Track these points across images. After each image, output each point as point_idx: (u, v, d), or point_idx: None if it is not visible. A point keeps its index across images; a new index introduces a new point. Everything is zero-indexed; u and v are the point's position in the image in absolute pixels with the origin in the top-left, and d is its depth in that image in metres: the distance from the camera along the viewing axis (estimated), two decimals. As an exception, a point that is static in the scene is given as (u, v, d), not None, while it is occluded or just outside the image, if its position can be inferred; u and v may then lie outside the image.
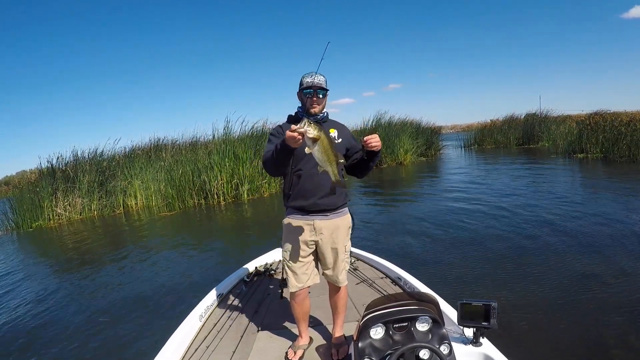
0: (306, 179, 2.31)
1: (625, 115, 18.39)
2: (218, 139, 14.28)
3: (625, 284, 4.20)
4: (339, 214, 2.41)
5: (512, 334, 3.31)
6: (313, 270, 2.47)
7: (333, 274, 2.46)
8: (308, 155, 2.16)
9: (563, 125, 21.34)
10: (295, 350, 2.50)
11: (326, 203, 2.33)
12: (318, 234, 2.36)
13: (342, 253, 2.44)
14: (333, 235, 2.38)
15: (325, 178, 2.24)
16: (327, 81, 2.38)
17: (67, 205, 13.00)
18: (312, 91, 2.30)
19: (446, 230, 6.86)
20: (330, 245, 2.39)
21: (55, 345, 4.17)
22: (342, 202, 2.42)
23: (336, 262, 2.43)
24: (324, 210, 2.35)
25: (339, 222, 2.41)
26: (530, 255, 5.26)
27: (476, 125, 30.19)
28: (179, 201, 12.75)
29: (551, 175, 12.17)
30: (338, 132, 2.41)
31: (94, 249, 8.64)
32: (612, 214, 6.85)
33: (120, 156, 15.64)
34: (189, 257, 7.05)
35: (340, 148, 2.34)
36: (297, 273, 2.41)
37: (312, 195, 2.31)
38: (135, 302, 5.14)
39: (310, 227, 2.35)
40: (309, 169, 2.29)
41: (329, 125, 2.41)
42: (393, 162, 19.33)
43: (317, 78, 2.32)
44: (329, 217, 2.37)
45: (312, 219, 2.35)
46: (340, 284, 2.48)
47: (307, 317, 2.60)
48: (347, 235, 2.48)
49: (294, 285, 2.42)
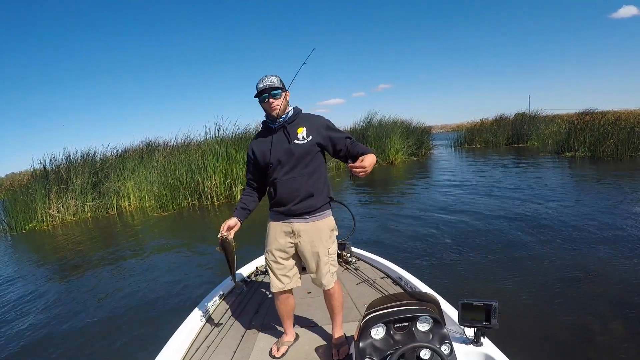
0: (281, 186, 2.30)
1: (612, 115, 18.63)
2: (211, 140, 14.36)
3: (626, 281, 4.25)
4: (319, 217, 2.36)
5: (513, 334, 3.30)
6: (295, 274, 2.47)
7: (316, 277, 2.42)
8: (280, 164, 2.28)
9: (552, 124, 21.63)
10: (279, 347, 2.52)
11: (303, 207, 2.31)
12: (297, 237, 2.35)
13: (325, 256, 2.36)
14: (313, 237, 2.34)
15: (300, 183, 2.27)
16: (282, 79, 2.33)
17: (60, 207, 12.88)
18: (266, 95, 2.25)
19: (444, 229, 6.94)
20: (310, 248, 2.35)
21: (51, 349, 4.12)
22: (321, 203, 2.36)
23: (318, 265, 2.36)
24: (302, 213, 2.33)
25: (320, 224, 2.36)
26: (530, 253, 5.30)
27: (466, 125, 30.37)
28: (173, 202, 12.74)
29: (540, 174, 12.36)
30: (307, 129, 2.30)
31: (89, 250, 8.59)
32: (602, 211, 7.01)
33: (113, 157, 15.54)
34: (186, 258, 7.06)
35: (308, 146, 2.28)
36: (277, 275, 2.42)
37: (288, 202, 2.30)
38: (134, 303, 5.14)
39: (288, 230, 2.35)
40: (281, 176, 2.29)
41: (299, 123, 2.34)
42: (384, 162, 19.42)
43: (268, 80, 2.27)
44: (307, 220, 2.34)
45: (291, 222, 2.34)
46: (324, 287, 2.42)
47: (291, 315, 2.62)
48: (329, 238, 2.40)
49: (276, 286, 2.43)
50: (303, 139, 2.28)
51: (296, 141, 2.27)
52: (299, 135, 2.29)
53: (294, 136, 2.29)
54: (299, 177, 2.29)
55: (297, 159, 2.27)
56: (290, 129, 2.32)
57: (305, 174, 2.30)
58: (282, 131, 2.32)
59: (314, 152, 2.30)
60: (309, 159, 2.29)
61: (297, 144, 2.27)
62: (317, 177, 2.34)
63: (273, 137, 2.32)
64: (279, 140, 2.31)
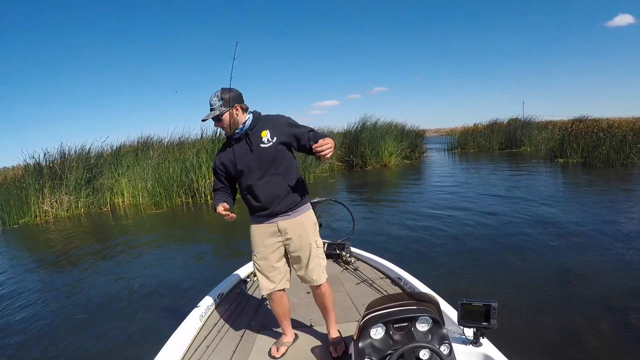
0: (259, 190, 2.30)
1: (605, 122, 18.78)
2: (206, 139, 14.43)
3: (625, 280, 4.31)
4: (301, 211, 2.38)
5: (513, 334, 3.31)
6: (285, 274, 2.48)
7: (306, 273, 2.40)
8: (250, 170, 2.28)
9: (545, 130, 21.76)
10: (278, 347, 2.52)
11: (285, 205, 2.33)
12: (283, 235, 2.36)
13: (315, 249, 2.39)
14: (300, 232, 2.36)
15: (277, 184, 2.28)
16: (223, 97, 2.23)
17: (53, 202, 12.79)
18: (211, 119, 2.28)
19: (442, 230, 6.99)
20: (299, 243, 2.36)
21: (48, 349, 4.05)
22: (300, 197, 2.38)
23: (309, 260, 2.38)
24: (286, 211, 2.34)
25: (303, 219, 2.38)
26: (528, 255, 5.33)
27: (460, 129, 30.36)
28: (167, 199, 12.73)
29: (533, 179, 12.47)
30: (271, 131, 2.29)
31: (82, 246, 8.54)
32: (595, 215, 7.10)
33: (108, 154, 15.47)
34: (181, 256, 7.03)
35: (274, 147, 2.27)
36: (268, 276, 2.42)
37: (269, 205, 2.31)
38: (129, 302, 5.11)
39: (274, 230, 2.36)
40: (256, 181, 2.29)
41: (260, 127, 2.31)
42: (378, 165, 19.49)
43: (212, 102, 2.25)
44: (290, 216, 2.35)
45: (275, 221, 2.35)
46: (315, 283, 2.41)
47: (287, 315, 2.61)
48: (315, 231, 2.43)
49: (267, 288, 2.44)
50: (268, 142, 2.27)
51: (262, 145, 2.27)
52: (264, 138, 2.28)
53: (258, 141, 2.28)
54: (274, 179, 2.29)
55: (268, 161, 2.27)
56: (253, 135, 2.30)
57: (280, 172, 2.31)
58: (244, 140, 2.32)
59: (281, 151, 2.30)
60: (280, 159, 2.29)
61: (263, 148, 2.27)
62: (291, 174, 2.35)
63: (236, 147, 2.33)
64: (242, 148, 2.32)
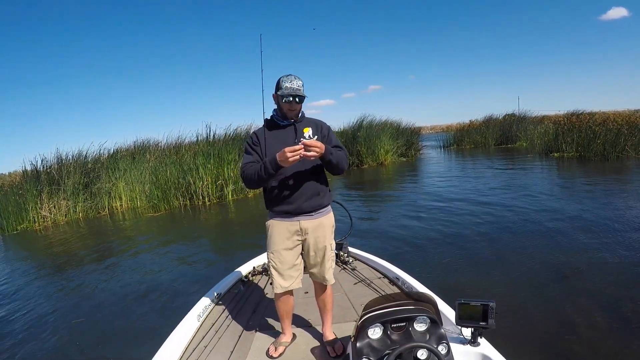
0: (289, 184, 2.30)
1: (600, 116, 18.85)
2: (202, 142, 14.45)
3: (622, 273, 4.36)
4: (323, 213, 2.41)
5: (511, 334, 3.30)
6: (300, 274, 2.48)
7: (319, 272, 2.45)
8: None
9: (540, 125, 21.79)
10: (276, 347, 2.53)
11: (311, 205, 2.34)
12: (304, 234, 2.37)
13: (330, 251, 2.43)
14: (319, 233, 2.38)
15: (308, 181, 2.30)
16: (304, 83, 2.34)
17: (52, 208, 12.75)
18: (291, 98, 2.27)
19: (440, 228, 7.00)
20: (317, 244, 2.39)
21: (48, 351, 4.07)
22: (327, 202, 2.43)
23: (323, 260, 2.42)
24: (310, 211, 2.35)
25: (324, 221, 2.41)
26: (525, 253, 5.33)
27: (455, 126, 30.45)
28: (165, 202, 12.72)
29: (528, 174, 12.52)
30: (312, 130, 2.35)
31: (81, 250, 8.53)
32: (591, 208, 7.17)
33: (105, 158, 15.40)
34: (180, 257, 7.04)
35: None
36: (283, 275, 2.41)
37: (297, 199, 2.31)
38: (128, 303, 5.13)
39: (296, 229, 2.36)
40: (290, 173, 2.28)
41: (304, 124, 2.39)
42: (374, 163, 19.49)
43: (296, 84, 2.27)
44: (313, 217, 2.37)
45: (297, 220, 2.35)
46: (327, 282, 2.47)
47: (290, 315, 2.64)
48: (331, 234, 2.46)
49: (281, 286, 2.42)
50: (309, 138, 2.26)
51: (303, 139, 2.24)
52: (306, 134, 2.32)
53: (301, 135, 2.33)
54: (306, 175, 2.31)
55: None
56: (298, 127, 2.36)
57: (314, 172, 2.34)
58: (291, 128, 2.37)
59: None
60: (315, 158, 2.27)
61: None
62: (322, 176, 2.41)
63: (283, 132, 2.36)
64: (288, 136, 2.34)
